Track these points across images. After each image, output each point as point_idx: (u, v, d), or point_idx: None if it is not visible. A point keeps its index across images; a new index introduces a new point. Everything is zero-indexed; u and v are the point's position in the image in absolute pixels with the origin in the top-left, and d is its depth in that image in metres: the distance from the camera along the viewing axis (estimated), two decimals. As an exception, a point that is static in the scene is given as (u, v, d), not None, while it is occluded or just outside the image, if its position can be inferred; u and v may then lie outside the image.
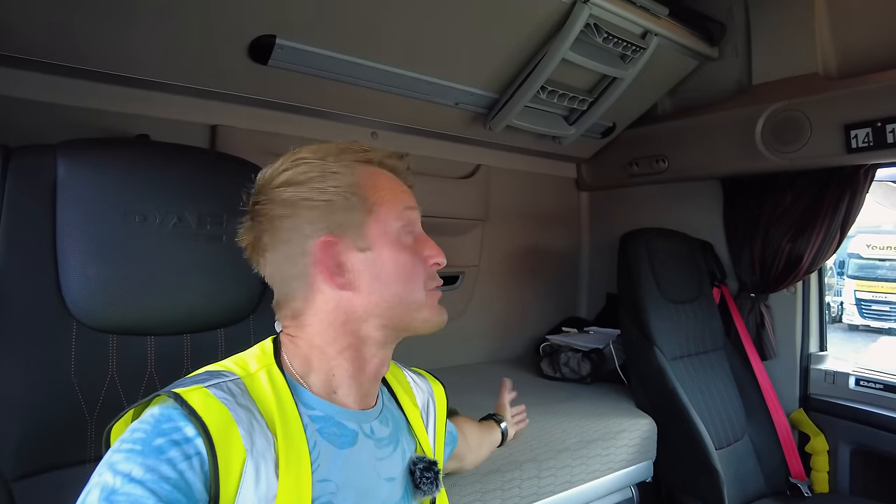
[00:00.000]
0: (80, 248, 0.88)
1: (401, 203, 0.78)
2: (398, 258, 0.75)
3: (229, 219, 1.00)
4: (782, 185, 2.08)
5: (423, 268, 0.77)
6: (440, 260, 0.79)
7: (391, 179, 0.80)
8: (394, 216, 0.76)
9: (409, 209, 0.79)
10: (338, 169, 0.76)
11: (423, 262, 0.77)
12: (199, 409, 0.62)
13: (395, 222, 0.76)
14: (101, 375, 0.88)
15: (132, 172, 0.94)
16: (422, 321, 0.78)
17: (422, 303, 0.77)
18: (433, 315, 0.79)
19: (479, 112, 2.08)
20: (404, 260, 0.76)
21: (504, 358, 2.58)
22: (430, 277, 0.78)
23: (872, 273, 9.37)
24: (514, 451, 1.48)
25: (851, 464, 2.01)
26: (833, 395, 2.06)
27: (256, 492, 0.61)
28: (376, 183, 0.77)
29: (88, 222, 0.89)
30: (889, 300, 9.37)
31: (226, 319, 1.01)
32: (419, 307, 0.77)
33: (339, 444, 0.72)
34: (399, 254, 0.76)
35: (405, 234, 0.77)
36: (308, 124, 1.88)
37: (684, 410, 1.81)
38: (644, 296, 1.98)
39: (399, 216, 0.77)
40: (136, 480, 0.55)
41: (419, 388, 0.95)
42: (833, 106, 1.81)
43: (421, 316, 0.77)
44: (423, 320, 0.78)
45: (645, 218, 2.48)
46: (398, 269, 0.75)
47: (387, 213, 0.76)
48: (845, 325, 9.13)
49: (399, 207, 0.77)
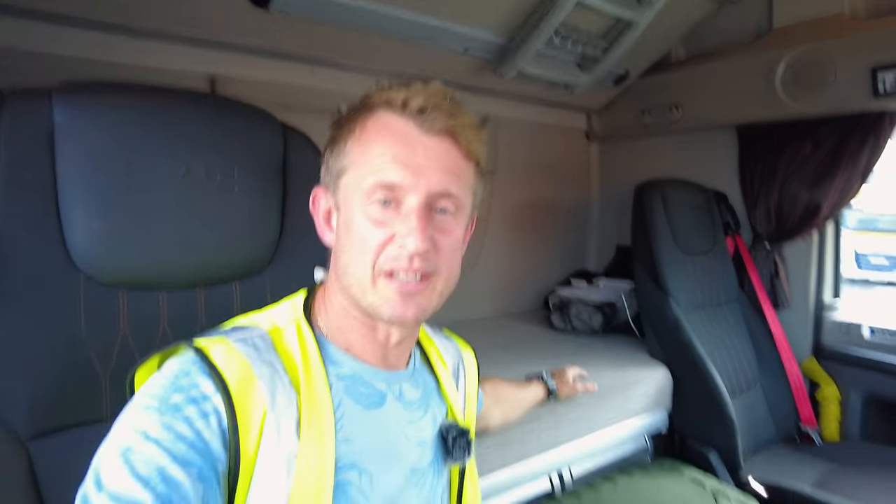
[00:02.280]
0: (83, 201, 0.83)
1: (374, 162, 0.66)
2: (353, 226, 0.67)
3: (241, 168, 0.95)
4: (801, 133, 2.02)
5: (378, 244, 0.65)
6: (408, 243, 0.64)
7: (387, 130, 0.67)
8: (359, 177, 0.67)
9: (381, 171, 0.65)
10: (349, 116, 0.71)
11: (388, 240, 0.65)
12: (221, 363, 0.60)
13: (360, 184, 0.66)
14: (112, 332, 0.85)
15: (135, 119, 0.88)
16: (369, 307, 0.67)
17: (366, 285, 0.66)
18: (383, 304, 0.66)
19: (488, 59, 2.00)
20: (359, 230, 0.66)
21: (513, 311, 2.57)
22: (390, 259, 0.65)
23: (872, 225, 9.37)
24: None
25: (863, 411, 2.02)
26: (846, 344, 2.06)
27: (278, 450, 0.60)
28: (364, 137, 0.68)
29: (91, 173, 0.84)
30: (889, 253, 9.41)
31: (240, 273, 0.97)
32: (364, 290, 0.67)
33: (367, 404, 0.70)
34: (357, 220, 0.66)
35: (373, 200, 0.66)
36: (311, 74, 1.81)
37: (700, 361, 1.80)
38: (659, 248, 1.96)
39: (364, 178, 0.66)
40: (152, 439, 0.54)
41: (448, 353, 0.92)
42: (860, 48, 1.75)
43: (367, 300, 0.67)
44: (369, 306, 0.67)
45: (656, 169, 2.43)
46: (351, 239, 0.67)
47: (356, 173, 0.67)
48: (844, 277, 9.19)
49: (369, 167, 0.66)
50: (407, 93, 0.67)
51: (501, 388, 1.28)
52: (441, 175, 0.66)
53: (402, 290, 0.66)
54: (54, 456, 0.78)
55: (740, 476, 1.72)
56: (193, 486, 0.53)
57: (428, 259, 0.66)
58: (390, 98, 0.68)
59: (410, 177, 0.65)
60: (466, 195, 0.71)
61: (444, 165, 0.67)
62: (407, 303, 0.66)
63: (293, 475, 0.60)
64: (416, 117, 0.66)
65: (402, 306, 0.66)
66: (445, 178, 0.67)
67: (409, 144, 0.66)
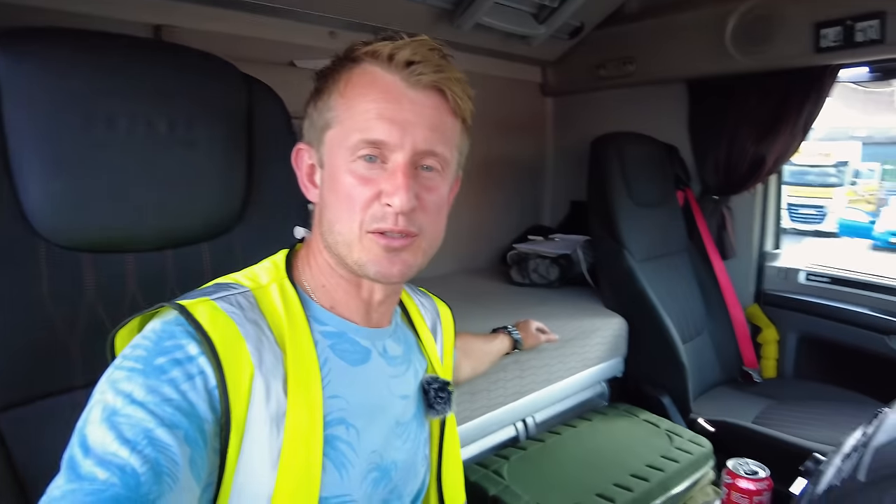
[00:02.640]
0: (39, 160, 0.77)
1: (359, 118, 0.64)
2: (338, 183, 0.66)
3: (205, 121, 0.90)
4: (749, 88, 2.07)
5: (364, 202, 0.64)
6: (394, 201, 0.63)
7: (373, 84, 0.65)
8: (344, 132, 0.65)
9: (366, 128, 0.63)
10: (333, 68, 0.69)
11: (374, 197, 0.64)
12: (205, 323, 0.58)
13: (345, 140, 0.65)
14: (78, 296, 0.80)
15: (90, 70, 0.80)
16: (354, 264, 0.66)
17: (353, 242, 0.65)
18: (369, 261, 0.65)
19: (445, 8, 1.95)
20: (344, 187, 0.65)
21: (473, 267, 2.59)
22: (376, 218, 0.64)
23: (802, 178, 9.92)
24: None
25: (797, 351, 2.18)
26: (785, 290, 2.20)
27: (267, 409, 0.60)
28: (349, 91, 0.66)
29: (45, 129, 0.77)
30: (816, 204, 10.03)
31: (209, 232, 0.93)
32: (350, 246, 0.65)
33: (352, 360, 0.71)
34: (342, 178, 0.65)
35: (358, 157, 0.64)
36: (261, 24, 1.71)
37: (653, 309, 1.88)
38: (614, 200, 1.99)
39: (349, 134, 0.65)
40: (137, 402, 0.52)
41: (426, 310, 0.93)
42: (804, 4, 1.79)
43: (352, 257, 0.66)
44: (355, 263, 0.66)
45: (610, 123, 2.44)
46: (336, 196, 0.66)
47: (340, 129, 0.66)
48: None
49: (354, 123, 0.64)
50: (394, 45, 0.64)
51: (470, 341, 1.32)
52: (427, 132, 0.65)
53: (389, 247, 0.65)
54: (27, 427, 0.74)
55: (690, 416, 1.83)
56: (181, 449, 0.52)
57: (413, 218, 0.65)
58: (376, 50, 0.65)
59: (397, 133, 0.63)
60: (452, 153, 0.70)
61: (430, 122, 0.65)
62: (392, 260, 0.66)
63: (283, 432, 0.60)
64: (402, 71, 0.64)
65: (387, 263, 0.66)
66: (432, 136, 0.65)
67: (395, 99, 0.64)
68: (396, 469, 0.75)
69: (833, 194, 10.14)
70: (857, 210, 10.15)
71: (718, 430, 1.73)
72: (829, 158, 10.21)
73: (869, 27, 1.67)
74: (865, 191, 10.63)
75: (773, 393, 1.99)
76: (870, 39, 1.68)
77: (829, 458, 0.87)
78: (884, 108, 2.52)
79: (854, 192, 10.49)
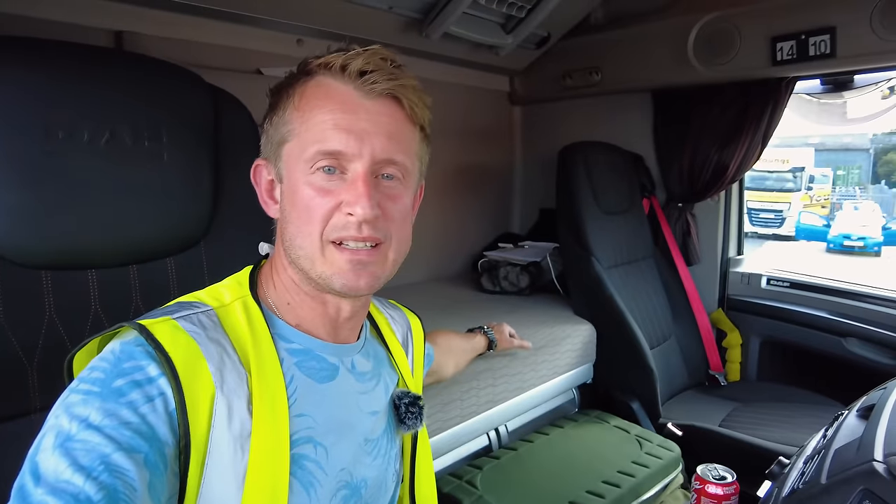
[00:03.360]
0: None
1: (315, 130, 0.63)
2: (297, 196, 0.65)
3: (170, 133, 0.88)
4: (711, 98, 2.13)
5: (324, 213, 0.63)
6: (356, 210, 0.62)
7: (327, 95, 0.65)
8: (300, 145, 0.65)
9: (323, 139, 0.63)
10: (287, 82, 0.69)
11: (334, 208, 0.63)
12: (166, 343, 0.57)
13: (302, 153, 0.64)
14: (37, 317, 0.77)
15: (50, 79, 0.78)
16: (318, 278, 0.65)
17: (315, 256, 0.64)
18: (333, 274, 0.64)
19: (414, 17, 1.94)
20: (304, 200, 0.64)
21: (443, 276, 2.58)
22: (338, 228, 0.63)
23: (761, 184, 10.24)
24: (474, 363, 1.51)
25: (760, 354, 2.24)
26: (747, 295, 2.26)
27: (230, 430, 0.58)
28: (304, 104, 0.65)
29: (2, 140, 0.74)
30: (775, 209, 10.37)
31: (175, 246, 0.91)
32: (312, 260, 0.65)
33: (319, 378, 0.70)
34: (301, 190, 0.64)
35: (316, 169, 0.64)
36: (227, 31, 1.68)
37: (621, 315, 1.91)
38: (582, 209, 2.02)
39: (306, 146, 0.64)
40: (93, 426, 0.51)
41: (396, 323, 0.92)
42: (761, 18, 1.85)
43: (316, 271, 0.65)
44: (319, 277, 0.65)
45: (577, 131, 2.49)
46: (297, 209, 0.65)
47: (297, 141, 0.65)
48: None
49: (310, 135, 0.64)
50: (346, 56, 0.64)
51: (451, 338, 1.34)
52: (385, 141, 0.65)
53: (354, 259, 0.65)
54: None
55: (659, 421, 1.86)
56: (140, 473, 0.51)
57: (377, 226, 0.65)
58: (329, 62, 0.65)
59: (354, 143, 0.63)
60: (412, 161, 0.70)
61: (387, 130, 0.65)
62: (359, 272, 0.65)
63: (248, 453, 0.59)
64: (356, 80, 0.64)
65: (353, 276, 0.65)
66: (390, 145, 0.65)
67: (350, 109, 0.64)
68: (367, 486, 0.74)
69: (790, 199, 10.50)
70: (813, 214, 10.52)
71: (687, 434, 1.76)
72: (786, 164, 10.57)
73: (821, 41, 1.74)
74: (819, 195, 11.04)
75: (738, 396, 2.04)
76: (821, 53, 1.74)
77: (792, 461, 0.90)
78: (836, 120, 2.66)
79: (809, 196, 10.89)
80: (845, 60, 1.74)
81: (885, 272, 8.48)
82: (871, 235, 9.39)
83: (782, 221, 10.41)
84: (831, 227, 9.85)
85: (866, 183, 12.31)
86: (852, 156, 12.41)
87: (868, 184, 12.27)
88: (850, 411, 1.11)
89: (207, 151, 0.93)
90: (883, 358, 1.88)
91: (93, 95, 0.82)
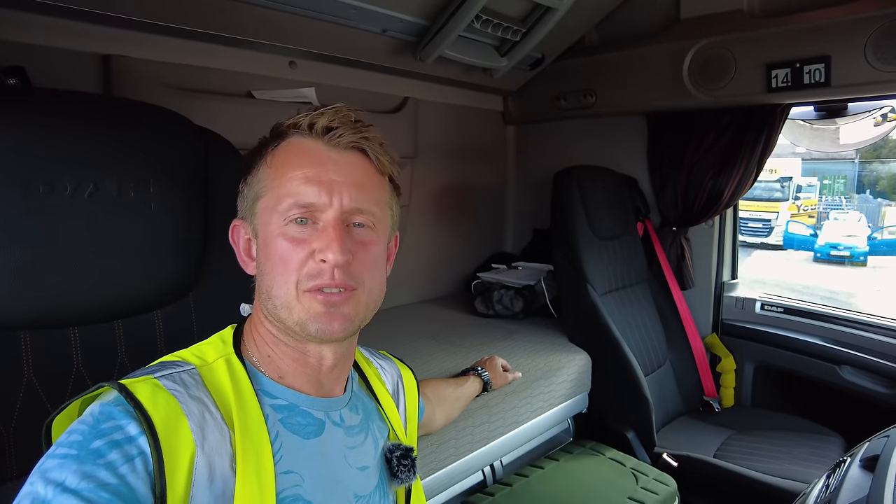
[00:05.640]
0: None
1: (287, 185, 0.66)
2: (272, 248, 0.67)
3: (157, 182, 0.84)
4: (706, 123, 2.13)
5: (298, 262, 0.66)
6: (328, 256, 0.65)
7: (297, 152, 0.68)
8: (273, 200, 0.67)
9: (294, 192, 0.66)
10: (261, 145, 0.72)
11: (307, 257, 0.66)
12: (145, 401, 0.56)
13: (276, 206, 0.67)
14: (14, 380, 0.73)
15: (28, 130, 0.74)
16: (296, 325, 0.66)
17: (292, 304, 0.66)
18: (309, 319, 0.66)
19: (408, 41, 1.92)
20: (278, 250, 0.66)
21: (436, 297, 2.56)
22: (312, 275, 0.65)
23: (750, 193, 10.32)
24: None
25: (754, 380, 2.23)
26: (741, 320, 2.25)
27: (211, 490, 0.57)
28: (276, 162, 0.69)
29: None
30: (763, 218, 10.46)
31: (162, 299, 0.88)
32: (289, 309, 0.66)
33: (305, 433, 0.69)
34: (275, 242, 0.67)
35: (289, 220, 0.66)
36: (217, 54, 1.64)
37: (616, 343, 1.89)
38: (577, 234, 2.00)
39: (278, 200, 0.67)
40: (70, 490, 0.50)
41: (387, 373, 0.91)
42: (757, 45, 1.85)
43: (293, 318, 0.66)
44: (296, 324, 0.66)
45: (571, 152, 2.49)
46: (272, 260, 0.67)
47: (270, 196, 0.68)
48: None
49: (282, 190, 0.67)
50: (313, 115, 0.69)
51: (441, 388, 1.31)
52: (354, 190, 0.67)
53: (328, 302, 0.66)
54: None
55: (654, 451, 1.83)
56: None
57: (349, 272, 0.67)
58: (297, 122, 0.69)
59: (324, 194, 0.66)
60: (382, 210, 0.72)
61: (355, 179, 0.68)
62: (333, 314, 0.66)
63: None
64: (323, 136, 0.68)
65: (327, 318, 0.66)
66: (358, 194, 0.68)
67: (319, 162, 0.67)
68: None
69: (779, 208, 10.60)
70: (800, 223, 10.62)
71: (682, 464, 1.74)
72: (774, 174, 10.67)
73: (815, 70, 1.74)
74: (807, 205, 11.15)
75: (732, 422, 2.03)
76: (816, 81, 1.74)
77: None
78: (829, 145, 2.73)
79: (797, 206, 10.99)
80: (839, 89, 1.73)
81: (871, 281, 8.60)
82: (858, 245, 9.50)
83: (770, 231, 10.50)
84: (818, 237, 9.95)
85: (852, 192, 12.45)
86: (838, 165, 12.56)
87: (854, 193, 12.41)
88: (852, 459, 1.10)
89: (197, 200, 0.89)
90: (879, 387, 1.87)
91: (76, 147, 0.78)
